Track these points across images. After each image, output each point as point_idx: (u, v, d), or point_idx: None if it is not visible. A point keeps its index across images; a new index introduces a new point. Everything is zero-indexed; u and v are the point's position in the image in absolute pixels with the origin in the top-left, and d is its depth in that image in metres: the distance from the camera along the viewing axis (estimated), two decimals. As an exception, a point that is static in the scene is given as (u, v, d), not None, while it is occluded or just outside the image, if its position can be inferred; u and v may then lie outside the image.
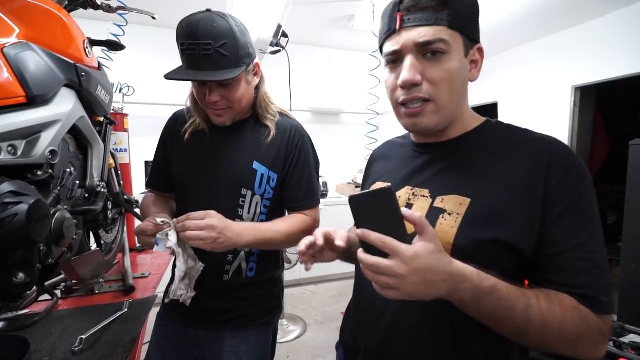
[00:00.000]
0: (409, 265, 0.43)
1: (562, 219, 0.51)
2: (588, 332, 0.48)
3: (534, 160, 0.54)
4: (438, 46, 0.54)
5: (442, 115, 0.59)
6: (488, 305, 0.47)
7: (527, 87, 3.63)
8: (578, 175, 0.52)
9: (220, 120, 0.91)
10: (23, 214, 0.56)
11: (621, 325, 1.30)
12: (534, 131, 0.59)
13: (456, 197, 0.57)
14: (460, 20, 0.55)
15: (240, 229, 0.82)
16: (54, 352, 0.81)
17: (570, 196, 0.51)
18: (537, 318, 0.47)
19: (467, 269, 0.46)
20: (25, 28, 0.69)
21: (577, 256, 0.50)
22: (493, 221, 0.53)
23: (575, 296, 0.49)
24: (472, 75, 0.60)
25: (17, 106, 0.62)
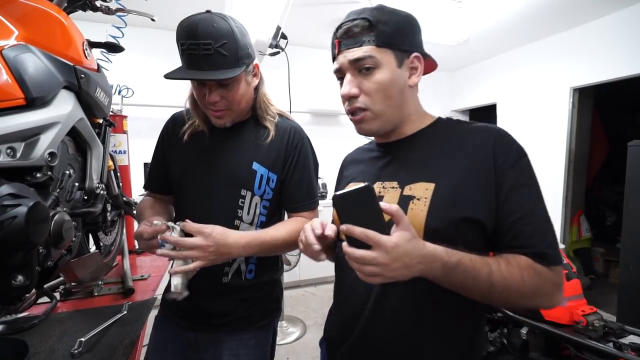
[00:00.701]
0: (390, 254, 0.50)
1: (512, 192, 0.60)
2: (543, 284, 0.57)
3: (481, 145, 0.63)
4: (367, 62, 0.65)
5: (381, 120, 0.69)
6: (456, 277, 0.55)
7: (525, 89, 3.64)
8: (518, 154, 0.62)
9: (220, 122, 0.90)
10: (22, 217, 0.55)
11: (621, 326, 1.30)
12: (476, 122, 0.70)
13: (422, 183, 0.65)
14: (387, 38, 0.65)
15: (239, 245, 0.81)
16: (53, 354, 0.81)
17: (515, 172, 0.61)
18: (499, 281, 0.55)
19: (437, 250, 0.54)
20: (24, 30, 0.69)
21: (528, 221, 0.59)
22: (457, 201, 0.61)
23: (530, 255, 0.57)
24: (412, 80, 0.69)
25: (16, 108, 0.62)
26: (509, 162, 0.61)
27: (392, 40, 0.65)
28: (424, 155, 0.69)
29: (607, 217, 4.17)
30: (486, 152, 0.62)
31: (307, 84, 3.76)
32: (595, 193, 4.14)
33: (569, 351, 1.34)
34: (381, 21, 0.65)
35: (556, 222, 3.37)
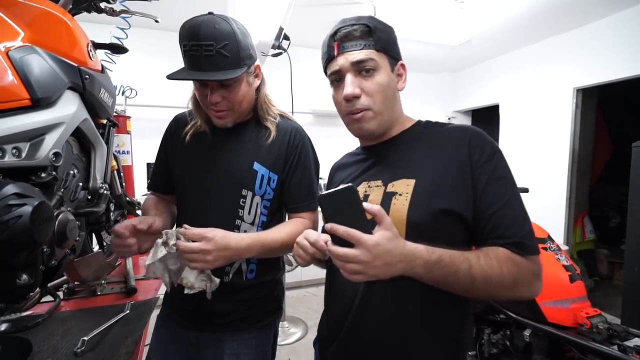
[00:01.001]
0: (371, 252, 0.52)
1: (488, 186, 0.63)
2: (522, 274, 0.59)
3: (458, 142, 0.67)
4: (369, 64, 0.69)
5: (380, 119, 0.73)
6: (438, 274, 0.57)
7: (528, 89, 3.62)
8: (492, 150, 0.66)
9: (221, 122, 0.91)
10: (27, 216, 0.56)
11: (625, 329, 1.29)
12: (453, 123, 0.75)
13: (403, 180, 0.69)
14: (383, 44, 0.70)
15: (240, 248, 0.81)
16: (56, 353, 0.81)
17: (489, 166, 0.64)
18: (479, 274, 0.57)
19: (418, 248, 0.56)
20: (30, 31, 0.70)
21: (505, 213, 0.62)
22: (436, 194, 0.64)
23: (508, 246, 0.60)
24: (399, 85, 0.75)
25: (22, 109, 0.63)
26: (484, 158, 0.65)
27: (387, 47, 0.71)
28: (405, 155, 0.73)
29: (611, 218, 4.14)
30: (462, 149, 0.66)
31: (310, 84, 3.76)
32: (599, 194, 4.11)
33: (573, 354, 1.33)
34: (378, 28, 0.70)
35: (560, 223, 3.35)
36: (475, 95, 4.38)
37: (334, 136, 4.08)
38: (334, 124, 4.12)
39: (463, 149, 0.66)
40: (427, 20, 2.97)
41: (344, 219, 0.54)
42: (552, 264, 1.47)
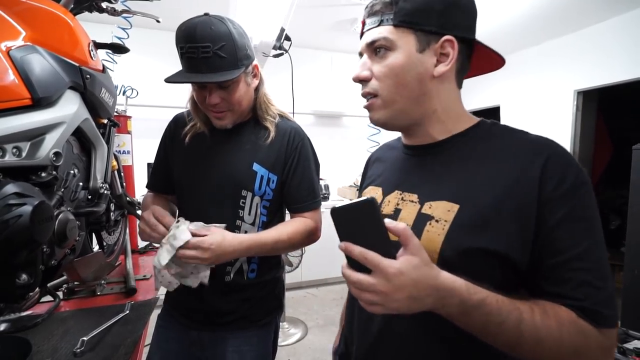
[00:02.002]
0: (391, 282, 0.42)
1: (560, 227, 0.48)
2: (586, 348, 0.46)
3: (527, 163, 0.51)
4: (380, 44, 0.57)
5: (391, 109, 0.59)
6: (477, 319, 0.45)
7: (529, 91, 3.62)
8: (576, 180, 0.49)
9: (221, 123, 0.91)
10: (27, 216, 0.56)
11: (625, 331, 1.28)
12: (530, 132, 0.56)
13: (444, 203, 0.55)
14: (405, 17, 0.55)
15: (241, 247, 0.83)
16: (56, 353, 0.81)
17: (568, 203, 0.48)
18: (530, 333, 0.45)
19: (456, 283, 0.45)
20: (32, 31, 0.70)
21: (578, 267, 0.47)
22: (482, 229, 0.50)
23: (575, 309, 0.46)
24: (437, 69, 0.57)
25: (22, 108, 0.63)
26: (562, 190, 0.48)
27: (412, 19, 0.55)
28: (453, 168, 0.58)
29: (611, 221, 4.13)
30: (532, 172, 0.49)
31: (311, 85, 3.77)
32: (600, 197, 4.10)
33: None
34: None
35: (560, 225, 3.34)
36: (476, 97, 4.38)
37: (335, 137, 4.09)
38: (335, 124, 4.12)
39: (533, 173, 0.49)
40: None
41: (362, 238, 0.44)
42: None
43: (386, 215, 0.61)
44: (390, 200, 0.63)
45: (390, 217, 0.60)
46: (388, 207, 0.62)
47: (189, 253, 0.77)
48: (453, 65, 0.57)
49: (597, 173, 3.82)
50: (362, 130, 3.73)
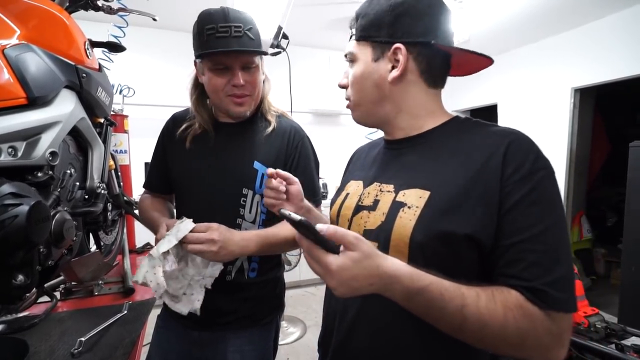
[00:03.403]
0: (333, 277, 0.45)
1: (515, 209, 0.50)
2: (532, 332, 0.46)
3: (492, 151, 0.54)
4: (348, 57, 0.67)
5: (359, 111, 0.69)
6: (419, 304, 0.48)
7: (526, 89, 3.63)
8: (534, 165, 0.51)
9: (240, 109, 0.91)
10: (23, 216, 0.55)
11: (623, 328, 1.29)
12: (497, 125, 0.60)
13: (416, 190, 0.58)
14: (362, 32, 0.63)
15: (243, 241, 0.83)
16: (53, 354, 0.81)
17: (524, 186, 0.50)
18: (473, 317, 0.46)
19: (399, 270, 0.47)
20: (26, 29, 0.69)
21: (530, 248, 0.48)
22: (450, 213, 0.53)
23: (524, 290, 0.47)
24: (391, 75, 0.61)
25: (18, 107, 0.62)
26: (520, 174, 0.50)
27: (366, 34, 0.63)
28: (426, 159, 0.61)
29: (608, 218, 4.16)
30: (496, 158, 0.52)
31: (308, 84, 3.76)
32: (596, 194, 4.13)
33: (571, 352, 1.33)
34: (361, 14, 0.64)
35: (557, 223, 3.36)
36: (473, 95, 4.38)
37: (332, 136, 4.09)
38: (333, 123, 4.12)
39: (496, 159, 0.52)
40: (425, 19, 2.97)
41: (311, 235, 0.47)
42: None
43: (365, 207, 0.65)
44: (369, 192, 0.67)
45: (369, 207, 0.64)
46: (368, 199, 0.66)
47: (199, 235, 0.78)
48: (404, 69, 0.60)
49: (594, 170, 3.83)
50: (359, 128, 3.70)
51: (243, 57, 0.85)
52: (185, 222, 0.81)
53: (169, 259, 0.79)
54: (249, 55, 0.86)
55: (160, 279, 0.78)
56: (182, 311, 0.85)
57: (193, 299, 0.85)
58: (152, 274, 0.79)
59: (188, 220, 0.81)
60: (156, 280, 0.78)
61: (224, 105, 0.90)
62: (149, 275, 0.78)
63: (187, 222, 0.81)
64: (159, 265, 0.78)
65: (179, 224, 0.80)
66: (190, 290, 0.85)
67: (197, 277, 0.85)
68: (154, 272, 0.79)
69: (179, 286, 0.84)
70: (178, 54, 3.28)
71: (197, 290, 0.85)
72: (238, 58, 0.85)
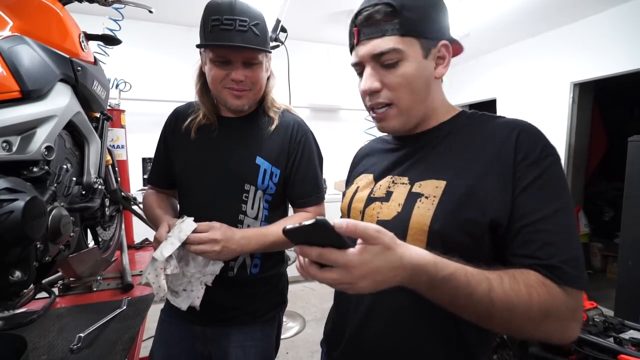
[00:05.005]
0: (353, 273, 0.43)
1: (526, 192, 0.52)
2: (555, 308, 0.47)
3: (503, 139, 0.56)
4: (391, 56, 0.58)
5: (407, 116, 0.63)
6: (446, 292, 0.47)
7: (526, 84, 3.62)
8: (543, 151, 0.54)
9: (238, 103, 0.89)
10: (19, 211, 0.55)
11: (621, 321, 1.30)
12: (503, 116, 0.62)
13: (432, 181, 0.59)
14: (412, 26, 0.58)
15: (244, 239, 0.83)
16: (52, 350, 0.80)
17: (534, 171, 0.53)
18: (500, 300, 0.46)
19: (423, 260, 0.46)
20: (19, 21, 0.68)
21: (543, 228, 0.50)
22: (468, 201, 0.54)
23: (541, 269, 0.49)
24: (438, 72, 0.62)
25: (12, 101, 0.61)
26: (530, 159, 0.53)
27: (418, 28, 0.58)
28: (439, 151, 0.63)
29: (605, 212, 4.18)
30: (508, 148, 0.55)
31: (307, 78, 3.73)
32: (593, 188, 4.15)
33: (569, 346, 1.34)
34: (406, 6, 0.57)
35: (555, 217, 3.38)
36: (473, 89, 4.37)
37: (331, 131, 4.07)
38: (332, 118, 4.10)
39: (509, 148, 0.55)
40: (425, 13, 2.95)
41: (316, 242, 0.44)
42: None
43: (377, 198, 0.65)
44: (382, 185, 0.67)
45: (382, 199, 0.65)
46: (380, 191, 0.66)
47: (202, 235, 0.77)
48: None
49: (592, 165, 3.84)
50: (358, 123, 3.71)
51: (245, 53, 0.83)
52: (187, 221, 0.80)
53: (172, 263, 0.79)
54: (251, 52, 0.84)
55: (162, 282, 0.78)
56: (181, 306, 0.85)
57: (193, 295, 0.85)
58: (154, 276, 0.78)
59: (189, 220, 0.80)
60: (158, 282, 0.78)
61: (222, 97, 0.89)
62: (151, 277, 0.78)
63: (189, 221, 0.80)
64: (161, 268, 0.78)
65: (180, 223, 0.79)
66: (190, 287, 0.85)
67: (198, 275, 0.84)
68: (156, 274, 0.78)
69: (179, 283, 0.84)
70: (175, 47, 3.25)
71: (197, 287, 0.85)
72: (240, 53, 0.83)
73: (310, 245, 0.44)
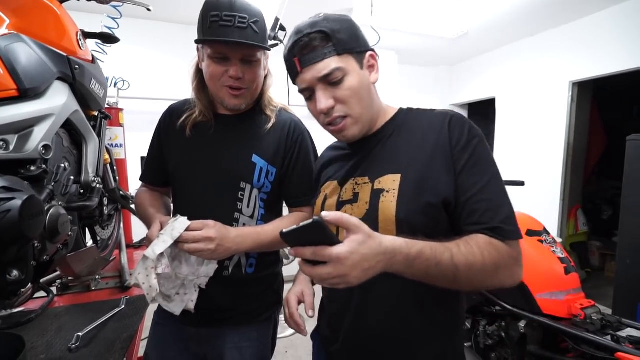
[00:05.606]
0: (345, 264, 0.48)
1: (464, 171, 0.63)
2: (502, 259, 0.58)
3: (438, 129, 0.67)
4: (336, 74, 0.66)
5: (361, 122, 0.71)
6: (419, 267, 0.54)
7: (525, 82, 3.62)
8: (469, 135, 0.65)
9: (235, 102, 0.89)
10: (16, 210, 0.54)
11: (618, 320, 1.31)
12: (435, 109, 0.74)
13: (389, 176, 0.68)
14: (344, 45, 0.67)
15: (239, 237, 0.82)
16: (50, 349, 0.80)
17: (466, 152, 0.64)
18: (462, 263, 0.55)
19: (396, 243, 0.53)
20: (16, 18, 0.67)
21: (481, 198, 0.61)
22: (423, 188, 0.64)
23: (486, 231, 0.59)
24: (372, 78, 0.72)
25: (9, 99, 0.61)
26: (461, 144, 0.64)
27: (349, 46, 0.68)
28: (389, 149, 0.72)
29: (604, 211, 4.19)
30: (443, 136, 0.66)
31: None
32: (592, 187, 4.16)
33: (567, 344, 1.34)
34: (335, 30, 0.67)
35: (554, 216, 3.38)
36: (472, 88, 4.38)
37: (330, 129, 4.07)
38: (330, 117, 4.09)
39: (443, 136, 0.66)
40: (425, 12, 2.94)
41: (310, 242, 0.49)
42: (548, 257, 1.48)
43: (346, 201, 0.73)
44: (347, 188, 0.75)
45: (351, 201, 0.72)
46: (347, 194, 0.74)
47: (196, 234, 0.76)
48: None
49: (590, 164, 3.85)
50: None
51: (244, 50, 0.83)
52: (180, 220, 0.78)
53: (163, 262, 0.76)
54: (250, 49, 0.83)
55: (153, 281, 0.76)
56: (174, 311, 0.83)
57: (186, 299, 0.84)
58: (144, 276, 0.76)
59: (183, 218, 0.79)
60: (149, 282, 0.76)
61: (220, 95, 0.88)
62: (142, 277, 0.76)
63: (182, 220, 0.78)
64: (152, 267, 0.75)
65: (174, 222, 0.78)
66: (184, 290, 0.84)
67: (192, 277, 0.83)
68: (147, 274, 0.76)
69: (171, 286, 0.82)
70: (174, 46, 3.24)
71: (191, 290, 0.84)
72: (239, 50, 0.83)
73: (304, 245, 0.49)
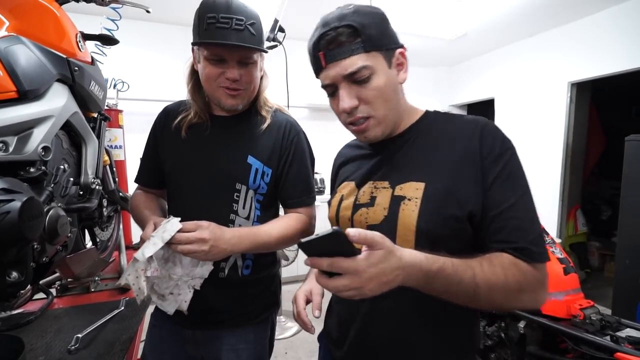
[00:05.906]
0: (362, 277, 0.47)
1: (494, 185, 0.59)
2: (526, 282, 0.55)
3: (468, 137, 0.63)
4: (363, 73, 0.62)
5: (385, 124, 0.67)
6: (439, 284, 0.53)
7: (523, 83, 3.63)
8: (502, 147, 0.61)
9: (232, 102, 0.88)
10: (15, 212, 0.54)
11: (617, 320, 1.31)
12: (466, 114, 0.69)
13: (412, 183, 0.64)
14: (374, 41, 0.63)
15: (235, 238, 0.81)
16: (50, 351, 0.80)
17: (498, 165, 0.60)
18: (483, 283, 0.53)
19: (416, 258, 0.51)
20: (16, 20, 0.68)
21: (510, 216, 0.58)
22: (447, 200, 0.60)
23: (512, 251, 0.56)
24: (400, 77, 0.68)
25: (8, 101, 0.61)
26: (493, 155, 0.60)
27: (379, 43, 0.63)
28: (413, 154, 0.68)
29: (603, 211, 4.20)
30: (473, 145, 0.61)
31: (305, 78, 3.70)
32: (591, 188, 4.16)
33: (567, 344, 1.35)
34: (365, 25, 0.62)
35: (553, 216, 3.38)
36: (471, 89, 4.38)
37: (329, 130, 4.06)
38: (330, 118, 4.07)
39: (474, 145, 0.61)
40: (423, 13, 2.95)
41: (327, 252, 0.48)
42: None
43: (363, 204, 0.69)
44: (365, 191, 0.71)
45: (367, 204, 0.69)
46: (364, 197, 0.70)
47: (189, 235, 0.74)
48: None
49: (589, 164, 3.86)
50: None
51: (241, 52, 0.83)
52: (172, 221, 0.76)
53: (152, 265, 0.75)
54: (247, 51, 0.84)
55: (142, 284, 0.75)
56: (167, 310, 0.83)
57: (180, 299, 0.83)
58: (134, 278, 0.75)
59: (175, 220, 0.77)
60: (138, 284, 0.75)
61: (217, 96, 0.88)
62: (131, 279, 0.75)
63: (174, 221, 0.76)
64: (142, 269, 0.74)
65: (165, 223, 0.76)
66: (177, 290, 0.83)
67: (186, 278, 0.82)
68: (136, 275, 0.75)
69: (165, 286, 0.81)
70: (173, 47, 3.24)
71: (185, 291, 0.83)
72: (236, 52, 0.83)
73: (321, 256, 0.48)
